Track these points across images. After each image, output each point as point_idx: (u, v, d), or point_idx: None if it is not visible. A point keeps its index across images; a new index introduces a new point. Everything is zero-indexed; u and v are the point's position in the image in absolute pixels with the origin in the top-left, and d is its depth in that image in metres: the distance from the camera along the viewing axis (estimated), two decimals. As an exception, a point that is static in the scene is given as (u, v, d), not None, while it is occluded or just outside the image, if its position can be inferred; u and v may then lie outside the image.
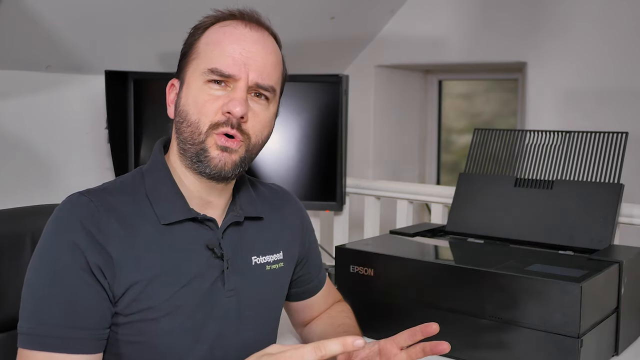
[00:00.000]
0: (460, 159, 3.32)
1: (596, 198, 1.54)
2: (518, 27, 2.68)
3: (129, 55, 2.19)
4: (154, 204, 1.05)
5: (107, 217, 1.01)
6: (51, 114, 2.13)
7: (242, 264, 1.12)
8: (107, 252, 0.99)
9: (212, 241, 1.08)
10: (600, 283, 1.27)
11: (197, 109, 1.03)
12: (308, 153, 2.12)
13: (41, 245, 1.01)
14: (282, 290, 1.22)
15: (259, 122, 1.06)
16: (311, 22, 2.59)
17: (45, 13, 1.85)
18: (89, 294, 0.98)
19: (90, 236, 0.98)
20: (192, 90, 1.04)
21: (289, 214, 1.25)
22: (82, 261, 0.97)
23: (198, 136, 1.03)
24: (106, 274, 0.99)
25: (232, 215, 1.12)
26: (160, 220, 1.04)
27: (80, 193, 1.04)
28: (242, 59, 1.03)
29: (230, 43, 1.03)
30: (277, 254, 1.18)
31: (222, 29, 1.06)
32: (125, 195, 1.06)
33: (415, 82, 3.29)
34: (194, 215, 1.07)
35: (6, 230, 1.23)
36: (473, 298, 1.30)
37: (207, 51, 1.04)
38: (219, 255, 1.08)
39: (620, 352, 1.37)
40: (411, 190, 2.13)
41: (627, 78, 2.46)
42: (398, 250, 1.49)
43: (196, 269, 1.06)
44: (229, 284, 1.09)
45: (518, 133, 1.71)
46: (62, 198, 1.07)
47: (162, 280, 1.02)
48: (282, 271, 1.19)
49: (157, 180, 1.08)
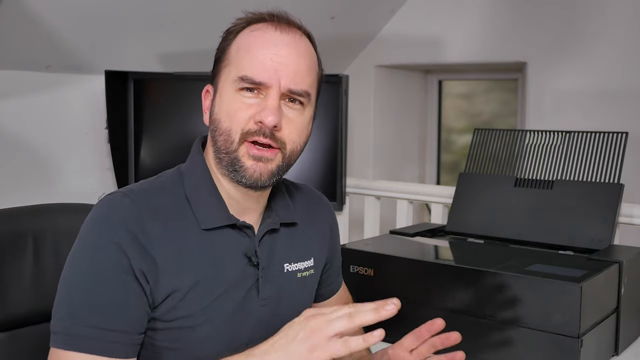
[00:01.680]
0: (460, 159, 3.32)
1: (596, 198, 1.54)
2: (518, 27, 2.68)
3: (129, 55, 2.19)
4: (194, 208, 1.03)
5: (151, 220, 0.98)
6: (51, 114, 2.13)
7: (274, 272, 1.10)
8: (151, 256, 0.96)
9: (250, 249, 1.06)
10: (600, 283, 1.27)
11: (229, 117, 1.00)
12: (308, 153, 2.12)
13: (81, 244, 0.98)
14: (310, 297, 1.21)
15: (295, 128, 1.03)
16: (311, 22, 2.57)
17: (45, 13, 1.85)
18: (129, 297, 0.95)
19: (134, 238, 0.95)
20: (224, 99, 1.02)
21: (321, 218, 1.23)
22: (126, 263, 0.95)
23: (231, 145, 1.00)
24: (149, 279, 0.96)
25: (268, 222, 1.10)
26: (201, 225, 1.02)
27: (123, 193, 1.00)
28: (273, 64, 1.00)
29: (260, 48, 1.01)
30: (308, 261, 1.16)
31: (252, 33, 1.03)
32: (166, 197, 1.03)
33: (415, 82, 3.29)
34: (233, 221, 1.05)
35: (6, 230, 1.23)
36: (473, 298, 1.30)
37: (237, 58, 1.02)
38: (255, 264, 1.06)
39: (620, 352, 1.37)
40: (411, 190, 2.13)
41: (627, 78, 2.46)
42: (398, 250, 1.49)
43: (233, 277, 1.04)
44: (263, 293, 1.07)
45: (518, 133, 1.71)
46: (62, 198, 1.07)
47: (201, 288, 1.00)
48: (311, 277, 1.18)
49: (197, 183, 1.05)
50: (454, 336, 1.05)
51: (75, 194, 2.11)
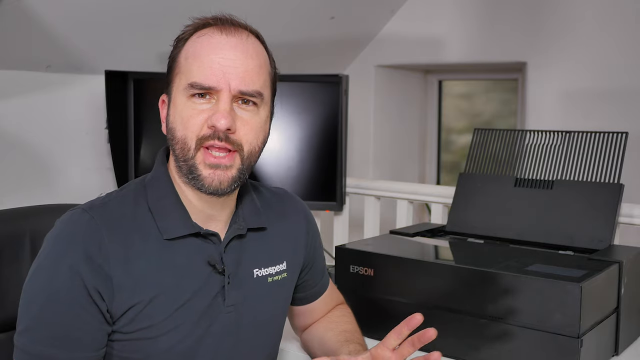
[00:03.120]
0: (460, 159, 3.32)
1: (596, 198, 1.54)
2: (518, 27, 2.68)
3: (129, 55, 2.19)
4: (157, 218, 1.03)
5: (109, 236, 0.99)
6: (51, 114, 2.13)
7: (243, 278, 1.10)
8: (106, 274, 0.97)
9: (214, 257, 1.06)
10: (600, 283, 1.27)
11: (183, 125, 1.01)
12: (308, 153, 2.12)
13: (40, 261, 0.99)
14: (285, 301, 1.20)
15: (250, 129, 1.03)
16: (311, 22, 2.59)
17: (45, 13, 1.85)
18: (84, 317, 0.96)
19: (90, 258, 0.96)
20: (178, 107, 1.02)
21: (293, 220, 1.22)
22: (80, 284, 0.96)
23: (187, 152, 1.01)
24: (104, 297, 0.97)
25: (234, 228, 1.10)
26: (163, 235, 1.02)
27: (82, 210, 1.01)
28: (222, 68, 1.00)
29: (207, 54, 1.01)
30: (280, 265, 1.16)
31: (199, 39, 1.03)
32: (128, 209, 1.03)
33: (415, 82, 3.29)
34: (197, 230, 1.05)
35: (6, 231, 1.23)
36: (473, 298, 1.30)
37: (186, 65, 1.02)
38: (220, 271, 1.06)
39: (620, 352, 1.37)
40: (411, 190, 2.13)
41: (627, 78, 2.46)
42: (398, 250, 1.49)
43: (197, 285, 1.04)
44: (229, 300, 1.07)
45: (518, 133, 1.71)
46: (62, 198, 1.07)
47: (163, 299, 1.01)
48: (285, 281, 1.17)
49: (160, 193, 1.06)
50: (429, 333, 1.04)
51: (75, 194, 2.11)
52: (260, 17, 2.38)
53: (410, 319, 1.06)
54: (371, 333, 1.43)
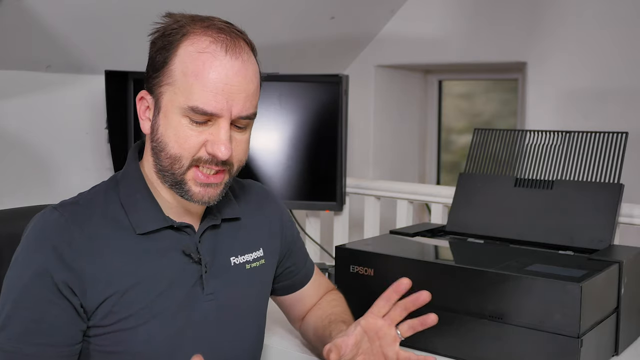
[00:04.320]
0: (460, 159, 3.32)
1: (596, 198, 1.54)
2: (518, 27, 2.68)
3: (129, 55, 2.19)
4: (129, 213, 1.04)
5: (78, 232, 0.99)
6: (51, 114, 2.13)
7: (221, 266, 1.11)
8: (76, 269, 0.98)
9: (189, 246, 1.07)
10: (600, 283, 1.27)
11: (179, 144, 1.00)
12: (308, 153, 2.12)
13: (13, 261, 1.01)
14: (265, 286, 1.22)
15: (241, 148, 1.05)
16: (311, 22, 2.59)
17: (45, 13, 1.85)
18: (54, 313, 0.97)
19: (59, 255, 0.97)
20: (171, 122, 1.00)
21: (267, 209, 1.24)
22: (49, 281, 0.97)
23: (179, 169, 1.01)
24: (76, 291, 0.98)
25: (209, 218, 1.11)
26: (136, 230, 1.03)
27: (53, 207, 1.03)
28: (225, 95, 0.98)
29: (211, 77, 0.98)
30: (257, 252, 1.18)
31: (200, 56, 0.99)
32: (99, 206, 1.04)
33: (415, 82, 3.29)
34: (170, 223, 1.06)
35: (6, 231, 1.23)
36: (473, 298, 1.30)
37: (186, 83, 0.99)
38: (196, 260, 1.07)
39: (620, 352, 1.37)
40: (411, 190, 2.13)
41: (627, 78, 2.46)
42: (398, 250, 1.49)
43: (173, 275, 1.05)
44: (208, 288, 1.08)
45: (518, 133, 1.71)
46: (62, 198, 1.07)
47: (139, 289, 1.02)
48: (263, 268, 1.19)
49: (132, 189, 1.06)
50: (423, 296, 1.06)
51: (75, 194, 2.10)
52: (260, 17, 2.39)
53: (398, 284, 1.07)
54: (371, 333, 1.43)
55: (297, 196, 2.12)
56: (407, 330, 1.12)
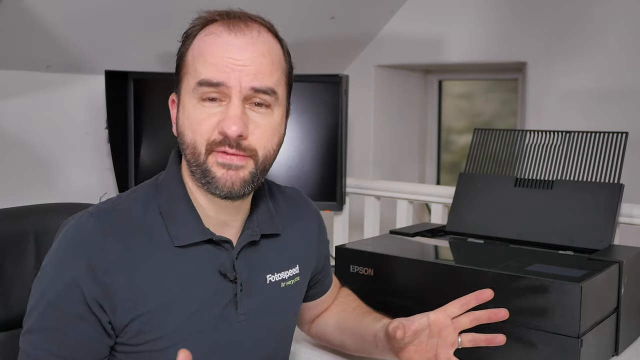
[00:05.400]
0: (460, 159, 3.32)
1: (596, 198, 1.54)
2: (518, 27, 2.68)
3: (129, 55, 2.19)
4: (168, 224, 0.99)
5: (114, 243, 0.95)
6: (51, 114, 2.13)
7: (256, 285, 1.06)
8: (108, 285, 0.93)
9: (225, 265, 1.02)
10: (600, 283, 1.27)
11: (192, 129, 0.96)
12: (308, 153, 2.12)
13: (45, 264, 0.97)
14: (297, 303, 1.18)
15: (263, 132, 0.97)
16: (311, 22, 2.59)
17: (45, 13, 1.85)
18: (82, 328, 0.94)
19: (92, 270, 0.93)
20: (186, 110, 0.97)
21: (306, 223, 1.19)
22: (79, 296, 0.93)
23: (198, 157, 0.96)
24: (105, 308, 0.94)
25: (247, 234, 1.05)
26: (174, 242, 0.98)
27: (90, 214, 0.98)
28: (231, 67, 0.94)
29: (214, 53, 0.95)
30: (294, 269, 1.13)
31: (206, 38, 0.97)
32: (138, 214, 0.99)
33: (415, 82, 3.29)
34: (209, 236, 1.01)
35: (7, 230, 1.23)
36: (473, 298, 1.30)
37: (194, 64, 0.97)
38: (232, 279, 1.02)
39: (620, 352, 1.37)
40: (411, 190, 2.13)
41: (627, 78, 2.46)
42: (398, 250, 1.49)
43: (207, 294, 1.00)
44: (241, 308, 1.03)
45: (518, 133, 1.71)
46: (62, 198, 1.07)
47: (171, 309, 0.97)
48: (297, 285, 1.15)
49: (172, 197, 1.01)
50: (502, 313, 1.03)
51: (75, 194, 2.11)
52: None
53: (481, 293, 1.04)
54: (371, 333, 1.42)
55: (297, 196, 2.12)
56: (468, 342, 1.09)
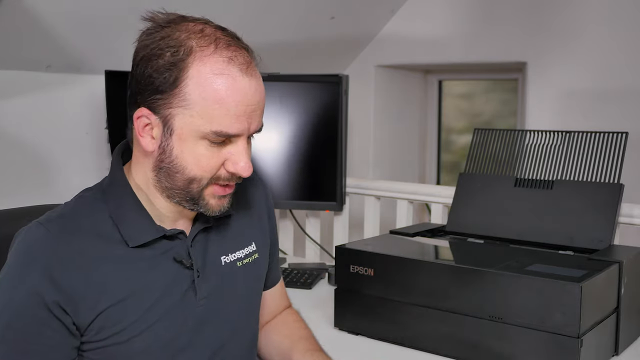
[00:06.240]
0: (460, 159, 3.32)
1: (596, 198, 1.54)
2: (518, 27, 2.68)
3: (129, 55, 2.18)
4: (120, 226, 1.01)
5: (67, 248, 0.97)
6: (51, 114, 2.13)
7: (212, 268, 1.09)
8: (67, 288, 0.95)
9: (180, 253, 1.05)
10: (600, 283, 1.27)
11: (199, 166, 0.99)
12: (308, 153, 2.12)
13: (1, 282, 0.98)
14: (259, 281, 1.20)
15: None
16: (311, 22, 2.59)
17: (45, 13, 1.85)
18: (47, 334, 0.96)
19: (49, 276, 0.95)
20: (188, 145, 0.97)
21: (256, 198, 1.21)
22: (39, 303, 0.95)
23: (197, 188, 1.00)
24: (68, 310, 0.96)
25: (201, 221, 1.09)
26: (129, 243, 1.01)
27: (39, 223, 0.99)
28: (246, 115, 0.98)
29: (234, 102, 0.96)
30: (250, 247, 1.16)
31: (219, 80, 0.95)
32: (86, 219, 1.01)
33: (415, 82, 3.29)
34: (162, 233, 1.04)
35: (6, 230, 1.23)
36: (473, 298, 1.30)
37: (206, 108, 0.95)
38: (188, 266, 1.05)
39: (620, 352, 1.37)
40: (411, 190, 2.13)
41: (627, 78, 2.46)
42: (398, 250, 1.49)
43: (165, 283, 1.03)
44: (201, 293, 1.06)
45: (518, 133, 1.71)
46: (62, 198, 1.07)
47: (131, 302, 1.00)
48: (256, 262, 1.17)
49: (120, 200, 1.03)
50: None
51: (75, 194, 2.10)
52: (260, 17, 2.39)
53: None
54: (371, 333, 1.43)
55: (297, 196, 2.12)
56: None
